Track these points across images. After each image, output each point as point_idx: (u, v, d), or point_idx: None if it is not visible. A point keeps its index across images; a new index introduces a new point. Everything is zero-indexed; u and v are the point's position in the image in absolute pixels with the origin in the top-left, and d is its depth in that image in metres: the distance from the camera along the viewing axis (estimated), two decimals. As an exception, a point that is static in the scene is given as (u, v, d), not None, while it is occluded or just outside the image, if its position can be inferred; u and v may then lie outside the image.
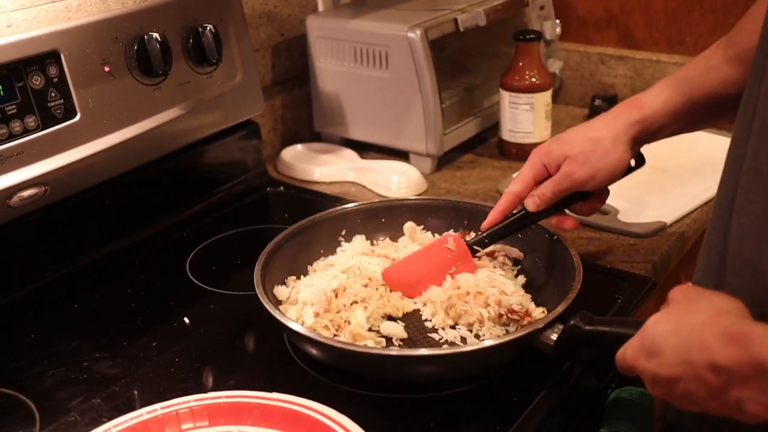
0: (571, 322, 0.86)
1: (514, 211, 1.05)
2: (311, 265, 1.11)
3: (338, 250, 1.14)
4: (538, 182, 1.03)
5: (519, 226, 1.05)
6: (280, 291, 1.04)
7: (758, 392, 0.63)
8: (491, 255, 1.08)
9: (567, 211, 1.06)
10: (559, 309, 0.89)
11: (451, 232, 1.10)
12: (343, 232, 1.15)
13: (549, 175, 1.02)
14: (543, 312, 0.97)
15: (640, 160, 1.06)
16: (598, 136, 0.99)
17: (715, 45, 0.98)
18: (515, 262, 1.09)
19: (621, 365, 0.76)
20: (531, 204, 1.02)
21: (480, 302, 0.97)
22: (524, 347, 0.89)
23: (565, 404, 0.91)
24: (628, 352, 0.74)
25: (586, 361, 0.94)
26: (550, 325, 0.88)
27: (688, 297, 0.73)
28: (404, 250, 1.10)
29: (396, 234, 1.16)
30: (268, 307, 0.93)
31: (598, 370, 0.98)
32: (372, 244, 1.15)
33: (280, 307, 1.00)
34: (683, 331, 0.69)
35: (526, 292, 1.04)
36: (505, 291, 1.00)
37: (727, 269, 0.80)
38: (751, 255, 0.76)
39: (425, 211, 1.17)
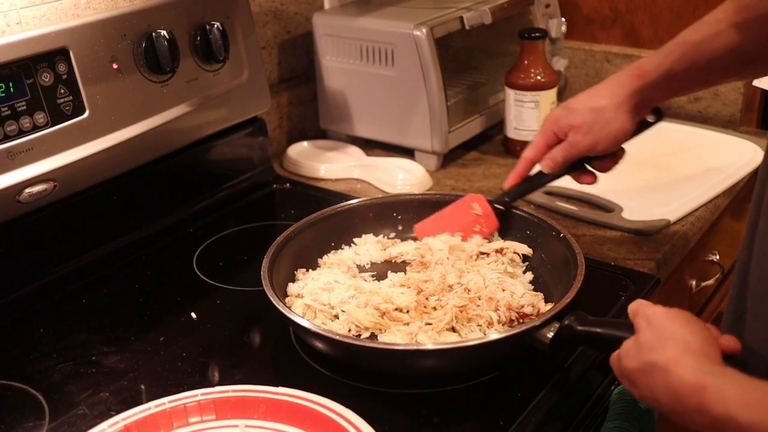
0: (566, 322, 0.87)
1: (531, 175, 1.14)
2: (321, 258, 1.12)
3: (347, 246, 1.15)
4: (550, 147, 1.10)
5: (537, 185, 1.15)
6: (292, 287, 1.05)
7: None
8: (500, 251, 1.09)
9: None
10: (557, 308, 0.89)
11: (477, 194, 1.15)
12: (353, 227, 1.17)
13: (560, 141, 1.09)
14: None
15: (658, 115, 1.11)
16: (600, 106, 1.04)
17: (721, 8, 0.98)
18: (524, 258, 1.10)
19: (614, 371, 0.78)
20: (545, 165, 1.10)
21: (491, 306, 0.96)
22: (521, 344, 0.89)
23: (569, 400, 0.92)
24: (614, 364, 0.77)
25: (589, 357, 0.94)
26: (546, 324, 0.88)
27: (652, 326, 0.74)
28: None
29: (407, 228, 1.18)
30: (273, 301, 0.94)
31: (602, 366, 0.99)
32: (387, 238, 1.17)
33: (286, 300, 1.01)
34: (648, 373, 0.71)
35: (535, 289, 1.04)
36: (515, 292, 0.99)
37: (748, 295, 0.81)
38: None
39: (434, 207, 1.18)
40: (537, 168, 1.14)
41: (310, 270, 1.09)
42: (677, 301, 1.36)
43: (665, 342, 0.71)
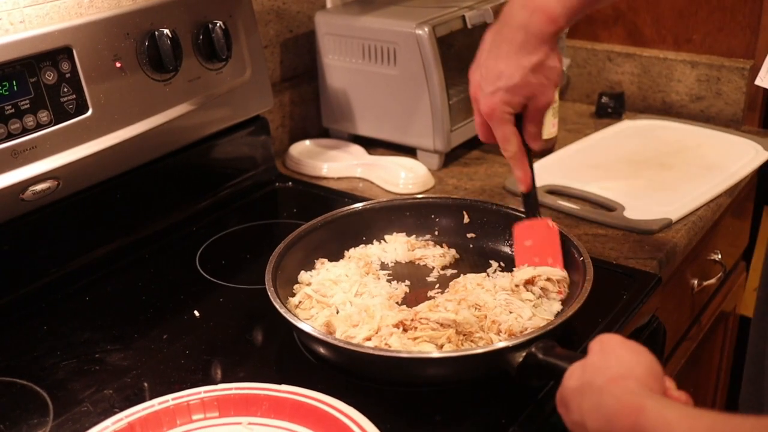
0: (532, 350, 0.84)
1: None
2: (347, 250, 1.14)
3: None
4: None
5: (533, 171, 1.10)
6: (303, 275, 1.06)
7: None
8: (531, 282, 1.03)
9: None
10: (530, 335, 0.87)
11: (546, 221, 1.08)
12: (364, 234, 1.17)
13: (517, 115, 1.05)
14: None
15: None
16: (537, 63, 0.99)
17: None
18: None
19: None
20: (538, 145, 1.07)
21: (494, 330, 0.95)
22: (489, 365, 0.87)
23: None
24: (557, 395, 0.73)
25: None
26: (518, 348, 0.85)
27: (603, 351, 0.71)
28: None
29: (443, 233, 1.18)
30: (277, 306, 0.94)
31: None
32: (421, 240, 1.17)
33: (294, 287, 1.02)
34: (584, 393, 0.68)
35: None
36: (522, 316, 0.96)
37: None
38: None
39: (468, 210, 1.18)
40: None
41: (327, 261, 1.09)
42: (679, 300, 1.36)
43: (609, 365, 0.68)
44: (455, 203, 1.19)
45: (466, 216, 1.16)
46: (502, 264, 1.11)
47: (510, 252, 1.12)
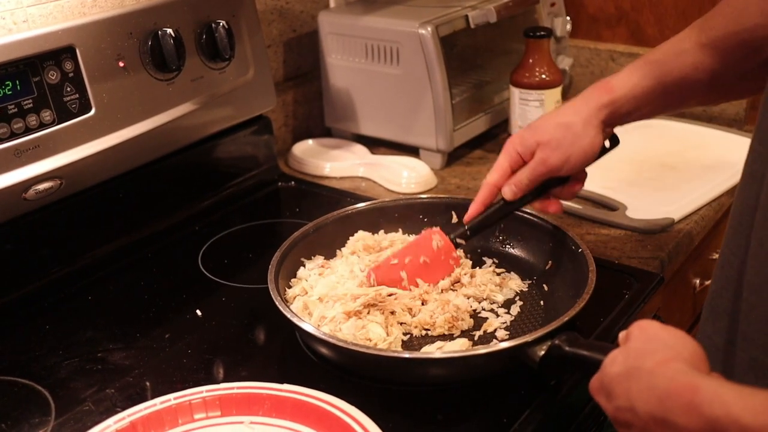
0: (556, 342, 0.85)
1: (494, 202, 1.06)
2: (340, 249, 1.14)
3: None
4: (514, 171, 1.04)
5: (500, 216, 1.07)
6: (301, 271, 1.07)
7: None
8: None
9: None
10: (549, 327, 0.87)
11: (435, 228, 1.08)
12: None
13: (524, 163, 1.03)
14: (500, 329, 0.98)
15: (614, 141, 1.07)
16: (569, 122, 1.00)
17: (689, 27, 0.97)
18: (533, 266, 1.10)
19: (592, 395, 0.75)
20: (508, 192, 1.03)
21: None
22: (512, 359, 0.88)
23: (573, 397, 0.92)
24: (593, 386, 0.73)
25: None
26: (538, 342, 0.86)
27: (646, 335, 0.71)
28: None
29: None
30: (280, 307, 0.94)
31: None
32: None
33: (292, 281, 1.03)
34: (632, 377, 0.67)
35: (546, 302, 1.03)
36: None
37: (745, 285, 0.80)
38: None
39: (450, 209, 1.17)
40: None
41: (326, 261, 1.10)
42: (681, 299, 1.36)
43: (656, 348, 0.68)
44: (443, 202, 1.19)
45: (454, 216, 1.16)
46: (496, 260, 1.12)
47: (503, 249, 1.14)
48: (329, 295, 1.00)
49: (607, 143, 1.05)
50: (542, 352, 0.86)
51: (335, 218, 1.14)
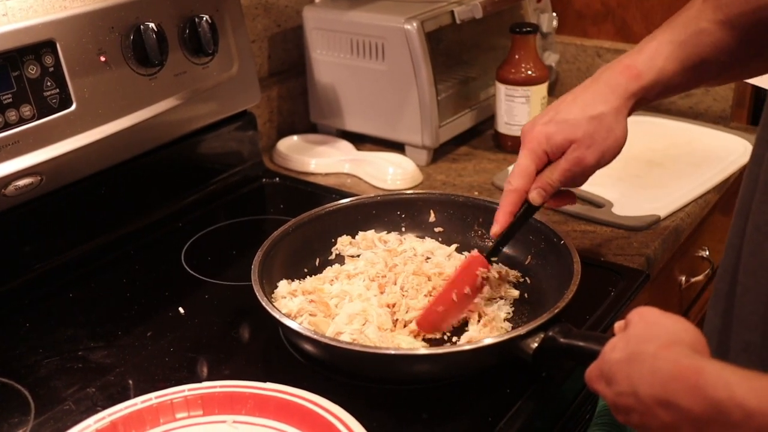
0: (550, 333, 0.85)
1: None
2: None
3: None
4: (539, 172, 0.98)
5: (524, 222, 1.00)
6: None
7: None
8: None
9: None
10: (541, 320, 0.87)
11: (475, 253, 1.02)
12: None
13: (548, 162, 0.97)
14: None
15: None
16: (600, 114, 0.94)
17: (700, 3, 0.94)
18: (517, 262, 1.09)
19: (588, 385, 0.74)
20: (537, 197, 0.97)
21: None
22: (503, 353, 0.87)
23: (559, 395, 0.91)
24: (592, 374, 0.73)
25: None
26: (531, 334, 0.86)
27: (646, 322, 0.70)
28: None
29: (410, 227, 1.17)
30: (263, 302, 0.93)
31: (591, 362, 0.98)
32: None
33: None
34: (634, 361, 0.66)
35: (530, 295, 1.03)
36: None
37: (740, 269, 0.80)
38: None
39: (434, 205, 1.17)
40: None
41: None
42: (667, 296, 1.36)
43: (657, 333, 0.68)
44: (420, 197, 1.18)
45: (432, 214, 1.16)
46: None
47: (482, 244, 1.12)
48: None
49: None
50: (535, 345, 0.85)
51: (314, 216, 1.13)
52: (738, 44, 0.91)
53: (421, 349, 0.91)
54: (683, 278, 1.40)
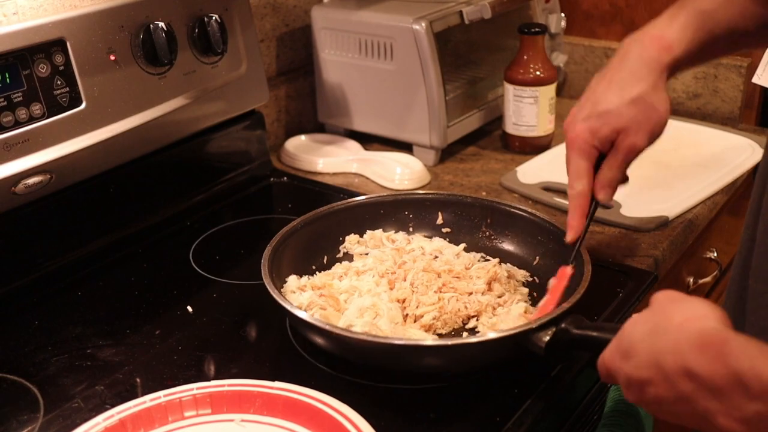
0: (562, 326, 0.85)
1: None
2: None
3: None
4: (595, 167, 0.97)
5: (591, 220, 1.00)
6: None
7: (732, 406, 0.59)
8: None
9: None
10: (553, 314, 0.87)
11: (569, 268, 0.98)
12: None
13: (600, 154, 0.97)
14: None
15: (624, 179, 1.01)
16: (639, 94, 0.92)
17: None
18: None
19: (600, 369, 0.74)
20: (606, 197, 0.97)
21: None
22: (515, 346, 0.87)
23: (567, 396, 0.91)
24: (606, 354, 0.73)
25: (588, 355, 0.94)
26: (543, 327, 0.86)
27: (670, 299, 0.70)
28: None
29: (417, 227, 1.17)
30: (274, 295, 0.93)
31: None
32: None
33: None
34: (658, 333, 0.66)
35: (537, 295, 1.03)
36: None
37: (751, 273, 0.79)
38: None
39: (443, 206, 1.17)
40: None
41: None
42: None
43: (683, 308, 0.67)
44: (428, 198, 1.17)
45: (440, 216, 1.16)
46: (484, 255, 1.12)
47: (489, 245, 1.13)
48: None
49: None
50: (547, 338, 0.85)
51: (323, 214, 1.13)
52: (766, 12, 0.90)
53: (433, 340, 0.91)
54: (691, 279, 1.40)
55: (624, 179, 1.00)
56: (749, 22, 0.91)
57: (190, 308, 1.06)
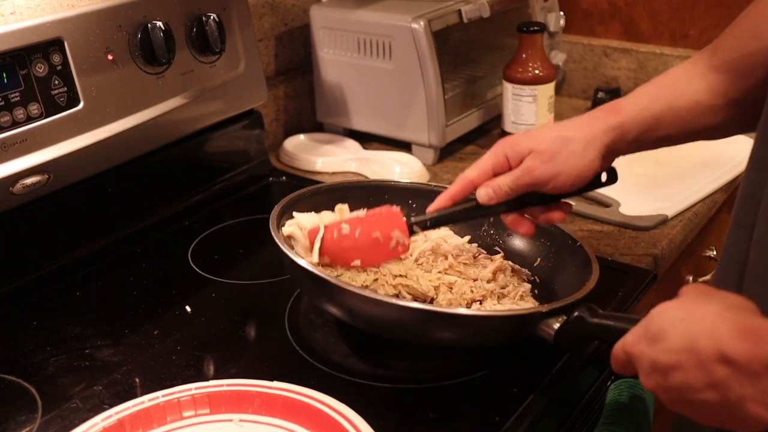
0: (577, 314, 0.86)
1: (466, 200, 0.98)
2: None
3: None
4: (496, 174, 0.96)
5: (466, 217, 1.00)
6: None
7: (765, 392, 0.60)
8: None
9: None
10: (565, 301, 0.88)
11: (395, 207, 1.00)
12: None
13: (509, 169, 0.95)
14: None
15: (612, 177, 1.00)
16: (570, 137, 0.92)
17: (700, 53, 0.93)
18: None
19: (618, 355, 0.73)
20: (483, 195, 0.95)
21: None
22: (524, 327, 0.87)
23: (566, 395, 0.91)
24: (629, 338, 0.72)
25: (586, 353, 0.94)
26: (553, 314, 0.87)
27: (703, 291, 0.70)
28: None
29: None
30: (281, 245, 0.94)
31: (599, 361, 0.98)
32: None
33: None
34: (694, 318, 0.66)
35: (538, 292, 1.03)
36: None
37: (746, 276, 0.79)
38: None
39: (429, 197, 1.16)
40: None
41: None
42: (674, 296, 1.35)
43: (719, 298, 0.67)
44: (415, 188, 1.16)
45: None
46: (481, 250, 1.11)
47: (490, 244, 1.12)
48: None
49: (603, 176, 0.98)
50: (557, 325, 0.86)
51: (329, 188, 1.12)
52: (736, 89, 0.88)
53: (449, 308, 0.93)
54: (690, 278, 1.40)
55: (612, 179, 0.99)
56: (716, 99, 0.89)
57: (188, 308, 1.06)
